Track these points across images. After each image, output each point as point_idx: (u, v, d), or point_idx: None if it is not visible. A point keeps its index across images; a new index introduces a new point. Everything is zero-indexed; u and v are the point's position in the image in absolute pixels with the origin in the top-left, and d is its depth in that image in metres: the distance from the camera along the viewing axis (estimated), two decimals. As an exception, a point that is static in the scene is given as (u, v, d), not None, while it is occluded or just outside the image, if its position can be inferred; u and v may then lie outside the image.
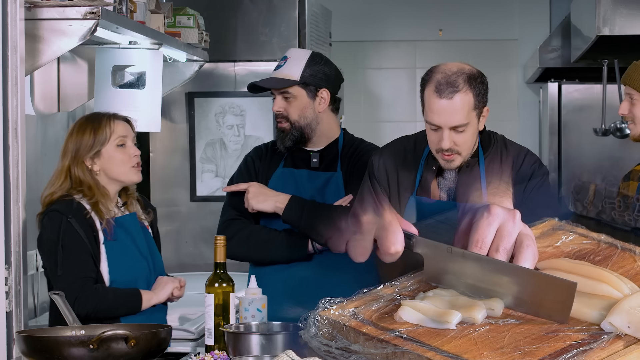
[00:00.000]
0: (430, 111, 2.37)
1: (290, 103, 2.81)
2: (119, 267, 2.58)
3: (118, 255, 2.58)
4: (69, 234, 2.54)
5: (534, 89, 5.92)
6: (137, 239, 2.63)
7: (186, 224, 4.07)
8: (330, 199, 2.80)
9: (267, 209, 2.76)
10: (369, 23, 5.94)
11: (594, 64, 4.98)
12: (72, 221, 2.53)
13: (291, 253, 2.76)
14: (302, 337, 1.51)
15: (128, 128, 2.67)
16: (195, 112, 4.15)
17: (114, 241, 2.58)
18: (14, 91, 2.67)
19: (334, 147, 2.87)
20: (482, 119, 2.43)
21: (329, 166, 2.85)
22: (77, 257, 2.53)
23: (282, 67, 2.83)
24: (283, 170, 2.86)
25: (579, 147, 5.27)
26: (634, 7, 4.03)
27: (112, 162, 2.61)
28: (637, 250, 1.58)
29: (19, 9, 2.65)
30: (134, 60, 3.46)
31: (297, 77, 2.81)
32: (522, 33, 5.93)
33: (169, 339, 2.11)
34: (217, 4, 4.18)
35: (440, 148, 2.39)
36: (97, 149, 2.60)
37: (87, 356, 1.97)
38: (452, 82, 2.34)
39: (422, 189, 2.48)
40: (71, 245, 2.54)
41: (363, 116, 5.94)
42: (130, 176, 2.63)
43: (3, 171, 2.67)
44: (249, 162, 2.91)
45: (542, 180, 2.48)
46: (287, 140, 2.82)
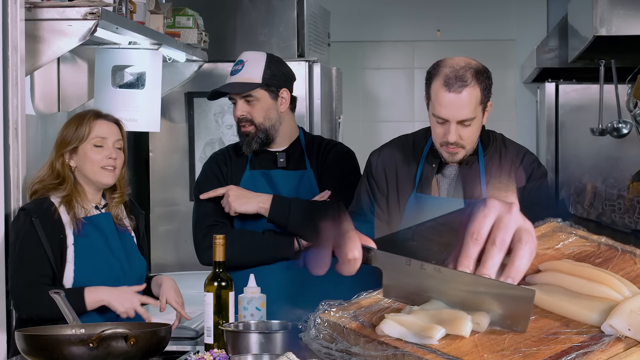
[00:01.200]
0: (439, 104, 2.37)
1: (254, 106, 2.82)
2: (86, 268, 2.55)
3: (86, 255, 2.55)
4: (28, 235, 2.52)
5: (532, 89, 5.93)
6: (110, 239, 2.60)
7: (185, 223, 4.07)
8: (305, 196, 2.81)
9: (251, 210, 2.76)
10: (367, 23, 5.95)
11: (591, 64, 4.98)
12: (36, 222, 2.51)
13: (277, 254, 2.77)
14: (302, 340, 1.49)
15: (113, 130, 2.62)
16: (194, 112, 4.16)
17: (84, 241, 2.55)
18: (14, 91, 2.68)
19: (297, 146, 2.88)
20: (486, 113, 2.45)
21: (298, 164, 2.86)
22: (28, 260, 2.51)
23: (241, 71, 2.83)
24: (251, 172, 2.86)
25: (576, 147, 5.27)
26: (630, 7, 4.03)
27: (85, 160, 2.58)
28: (638, 252, 1.56)
29: (19, 10, 2.66)
30: (134, 61, 3.47)
31: (258, 79, 2.82)
32: (519, 33, 5.94)
33: (169, 338, 2.12)
34: (216, 4, 4.19)
35: (446, 141, 2.40)
36: (75, 145, 2.59)
37: (86, 354, 1.98)
38: (461, 77, 2.36)
39: (423, 186, 2.49)
40: (26, 247, 2.52)
41: (361, 116, 5.95)
42: (99, 177, 2.59)
43: (3, 170, 2.68)
44: (213, 167, 2.89)
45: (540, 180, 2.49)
46: (254, 144, 2.82)
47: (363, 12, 5.93)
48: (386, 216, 2.53)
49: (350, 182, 2.77)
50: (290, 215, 2.72)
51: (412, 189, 2.50)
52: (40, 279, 2.48)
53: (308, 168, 2.86)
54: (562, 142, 5.30)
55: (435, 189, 2.48)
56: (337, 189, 2.80)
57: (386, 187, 2.54)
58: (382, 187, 2.55)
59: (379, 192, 2.55)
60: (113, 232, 2.61)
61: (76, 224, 2.55)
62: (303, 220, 2.71)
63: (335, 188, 2.81)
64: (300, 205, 2.75)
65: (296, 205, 2.75)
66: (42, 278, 2.49)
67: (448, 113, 2.36)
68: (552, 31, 5.44)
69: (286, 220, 2.73)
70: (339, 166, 2.85)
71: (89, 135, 2.59)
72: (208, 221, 2.81)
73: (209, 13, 4.10)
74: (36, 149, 3.31)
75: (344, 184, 2.80)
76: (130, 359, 2.03)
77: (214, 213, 2.81)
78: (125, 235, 2.66)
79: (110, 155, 2.59)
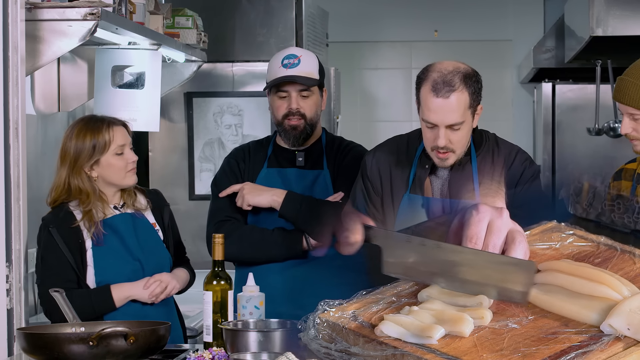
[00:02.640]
0: (427, 109, 2.39)
1: (308, 101, 2.82)
2: (106, 270, 2.59)
3: (105, 258, 2.60)
4: (48, 244, 2.58)
5: (528, 89, 5.95)
6: (127, 240, 2.63)
7: (185, 222, 4.08)
8: (318, 196, 2.82)
9: (264, 203, 2.77)
10: (365, 24, 5.96)
11: (588, 64, 5.00)
12: (54, 231, 2.57)
13: (286, 251, 2.77)
14: (301, 340, 1.50)
15: (125, 134, 2.67)
16: (193, 111, 4.17)
17: (102, 246, 2.60)
18: (14, 91, 2.68)
19: (317, 146, 2.89)
20: (476, 117, 2.46)
21: (315, 164, 2.87)
22: (51, 269, 2.57)
23: (299, 65, 2.82)
24: (268, 170, 2.87)
25: (573, 146, 5.29)
26: (626, 8, 4.05)
27: (110, 169, 2.62)
28: (637, 252, 1.57)
29: (19, 10, 2.66)
30: (133, 61, 3.47)
31: (316, 75, 2.84)
32: (516, 34, 5.96)
33: (168, 336, 2.13)
34: (215, 5, 4.20)
35: (436, 146, 2.41)
36: (97, 157, 2.62)
37: (86, 353, 2.00)
38: (449, 82, 2.37)
39: (416, 187, 2.50)
40: (48, 257, 2.58)
41: (359, 116, 5.96)
42: (126, 181, 2.65)
43: (4, 170, 2.69)
44: (232, 164, 2.91)
45: (533, 178, 2.50)
46: (301, 138, 2.83)
47: (361, 13, 5.94)
48: (380, 216, 2.54)
49: None
50: (300, 211, 2.74)
51: (406, 190, 2.51)
52: (65, 284, 2.51)
53: (325, 168, 2.86)
54: (558, 141, 5.32)
55: (428, 190, 2.50)
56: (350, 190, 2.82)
57: (380, 188, 2.56)
58: (377, 188, 2.56)
59: (374, 192, 2.57)
60: (129, 232, 2.64)
61: (95, 235, 2.59)
62: (312, 218, 2.72)
63: (348, 190, 2.82)
64: (312, 203, 2.76)
65: (308, 202, 2.76)
66: (67, 283, 2.54)
67: (437, 118, 2.38)
68: (549, 31, 5.45)
69: (296, 216, 2.75)
70: (355, 169, 2.85)
71: (110, 146, 2.62)
72: (220, 216, 2.82)
73: (208, 14, 4.11)
74: (36, 149, 3.32)
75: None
76: (130, 357, 2.04)
77: (227, 209, 2.82)
78: (148, 232, 2.69)
79: (131, 159, 2.65)
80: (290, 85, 2.80)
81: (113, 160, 2.63)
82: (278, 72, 2.82)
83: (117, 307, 2.55)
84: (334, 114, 4.48)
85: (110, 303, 2.54)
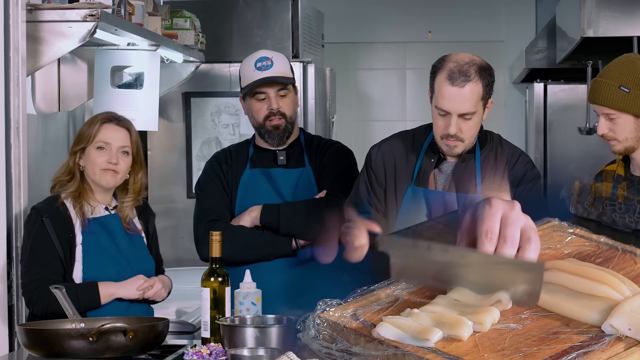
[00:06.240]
0: (442, 97, 2.44)
1: (285, 100, 2.85)
2: (94, 268, 2.57)
3: (94, 255, 2.58)
4: (39, 233, 2.54)
5: (520, 89, 5.99)
6: (118, 239, 2.62)
7: (183, 220, 4.11)
8: (303, 194, 2.85)
9: (245, 224, 2.81)
10: (360, 25, 5.99)
11: (579, 64, 5.02)
12: (47, 221, 2.54)
13: (276, 250, 2.80)
14: (301, 340, 1.47)
15: (120, 135, 2.64)
16: (191, 111, 4.18)
17: (92, 241, 2.58)
18: (15, 91, 2.71)
19: (297, 145, 2.92)
20: (486, 110, 2.52)
21: (297, 162, 2.90)
22: (39, 260, 2.53)
23: (273, 66, 2.84)
24: (251, 170, 2.89)
25: (564, 146, 5.31)
26: (617, 9, 4.08)
27: (89, 161, 2.61)
28: (638, 252, 1.55)
29: (20, 12, 2.69)
30: (132, 61, 3.48)
31: (291, 74, 2.88)
32: (508, 35, 5.99)
33: (167, 332, 2.17)
34: (213, 6, 4.21)
35: (447, 134, 2.46)
36: (83, 145, 2.62)
37: (86, 348, 2.03)
38: (465, 72, 2.43)
39: (420, 180, 2.54)
40: (37, 247, 2.54)
41: (354, 116, 6.00)
42: (99, 178, 2.61)
43: (5, 169, 2.71)
44: (214, 166, 2.92)
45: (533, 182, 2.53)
46: (284, 137, 2.86)
47: (356, 14, 5.98)
48: (383, 208, 2.57)
49: (347, 179, 2.81)
50: (280, 218, 2.78)
51: (410, 182, 2.55)
52: (52, 276, 2.50)
53: (307, 166, 2.89)
54: (550, 141, 5.35)
55: (432, 183, 2.54)
56: (333, 185, 2.84)
57: (384, 180, 2.59)
58: (381, 180, 2.60)
59: (377, 184, 2.60)
60: (121, 233, 2.63)
61: (82, 221, 2.58)
62: (295, 221, 2.76)
63: (332, 185, 2.84)
64: (290, 207, 2.80)
65: (284, 208, 2.80)
66: (54, 275, 2.51)
67: (450, 106, 2.43)
68: (541, 32, 5.48)
69: (277, 223, 2.79)
70: (336, 164, 2.88)
71: (94, 138, 2.61)
72: (210, 216, 2.83)
73: (205, 15, 4.13)
74: (37, 148, 3.34)
75: (341, 180, 2.84)
76: (129, 352, 2.08)
77: (215, 208, 2.84)
78: (135, 238, 2.68)
79: (110, 160, 2.60)
80: (267, 87, 2.82)
81: (93, 153, 2.61)
82: (254, 75, 2.83)
83: (102, 304, 2.53)
84: (329, 113, 4.52)
85: (96, 300, 2.51)
